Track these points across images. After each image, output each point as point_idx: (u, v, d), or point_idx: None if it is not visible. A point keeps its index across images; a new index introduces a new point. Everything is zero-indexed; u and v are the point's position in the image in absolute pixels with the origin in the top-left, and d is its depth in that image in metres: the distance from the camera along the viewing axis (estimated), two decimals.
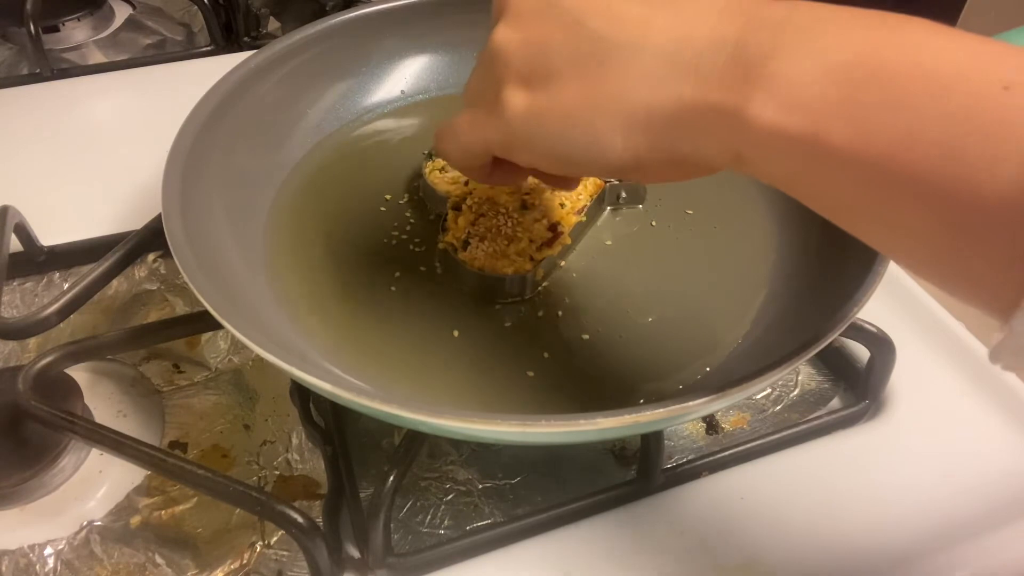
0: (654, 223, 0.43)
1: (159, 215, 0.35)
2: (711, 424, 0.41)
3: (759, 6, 0.24)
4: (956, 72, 0.20)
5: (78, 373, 0.40)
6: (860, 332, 0.38)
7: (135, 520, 0.37)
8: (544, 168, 0.30)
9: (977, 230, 0.20)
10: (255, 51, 0.45)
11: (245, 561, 0.35)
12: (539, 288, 0.40)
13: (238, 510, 0.37)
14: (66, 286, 0.38)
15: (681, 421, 0.40)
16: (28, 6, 0.62)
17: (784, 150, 0.22)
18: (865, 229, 0.23)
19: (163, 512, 0.37)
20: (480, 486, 0.38)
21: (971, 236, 0.20)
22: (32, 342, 0.44)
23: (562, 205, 0.41)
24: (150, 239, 0.41)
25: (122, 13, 0.74)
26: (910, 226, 0.21)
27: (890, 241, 0.23)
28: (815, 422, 0.40)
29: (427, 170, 0.44)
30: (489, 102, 0.29)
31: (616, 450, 0.39)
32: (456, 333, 0.37)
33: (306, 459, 0.39)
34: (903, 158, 0.20)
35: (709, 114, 0.24)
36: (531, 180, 0.43)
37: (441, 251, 0.41)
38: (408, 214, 0.44)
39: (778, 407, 0.42)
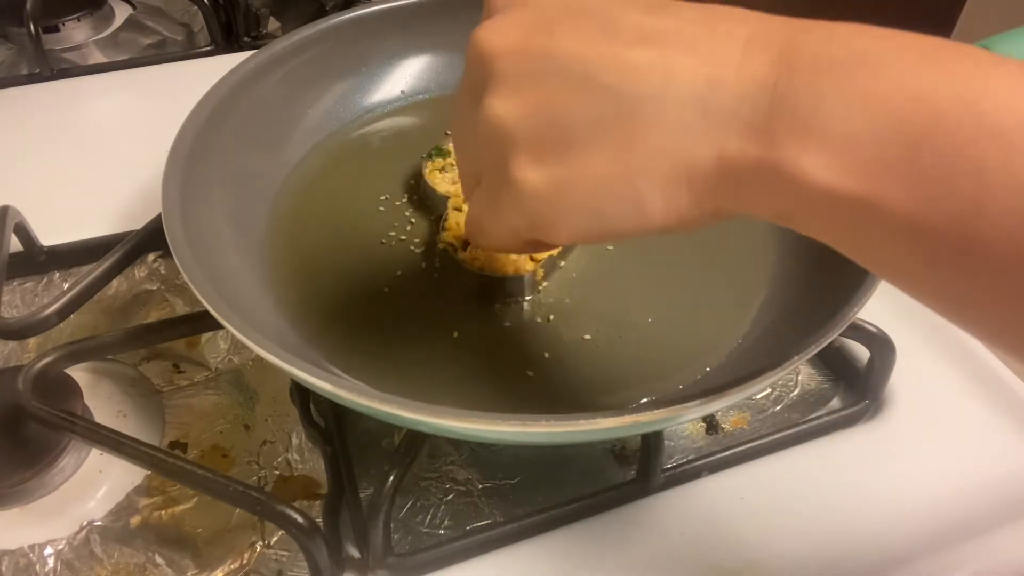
0: None
1: (159, 215, 0.35)
2: (711, 424, 0.41)
3: (790, 35, 0.21)
4: (1020, 128, 0.18)
5: (78, 373, 0.40)
6: (860, 332, 0.38)
7: (135, 520, 0.37)
8: (580, 243, 0.26)
9: None
10: (255, 51, 0.45)
11: (245, 561, 0.35)
12: (539, 288, 0.40)
13: (238, 510, 0.37)
14: (66, 286, 0.38)
15: (681, 421, 0.40)
16: (28, 6, 0.63)
17: (834, 210, 0.21)
18: (914, 288, 0.22)
19: (163, 512, 0.37)
20: (480, 486, 0.38)
21: None
22: (32, 342, 0.44)
23: None
24: (150, 239, 0.41)
25: (122, 13, 0.74)
26: (965, 290, 0.20)
27: (942, 301, 0.21)
28: (815, 422, 0.40)
29: (427, 170, 0.44)
30: (498, 184, 0.26)
31: (616, 450, 0.39)
32: (456, 334, 0.37)
33: (306, 459, 0.39)
34: (967, 226, 0.19)
35: (754, 170, 0.21)
36: None
37: (441, 251, 0.41)
38: (408, 214, 0.44)
39: (778, 407, 0.42)
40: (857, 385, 0.42)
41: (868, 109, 0.20)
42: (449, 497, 0.37)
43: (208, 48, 0.69)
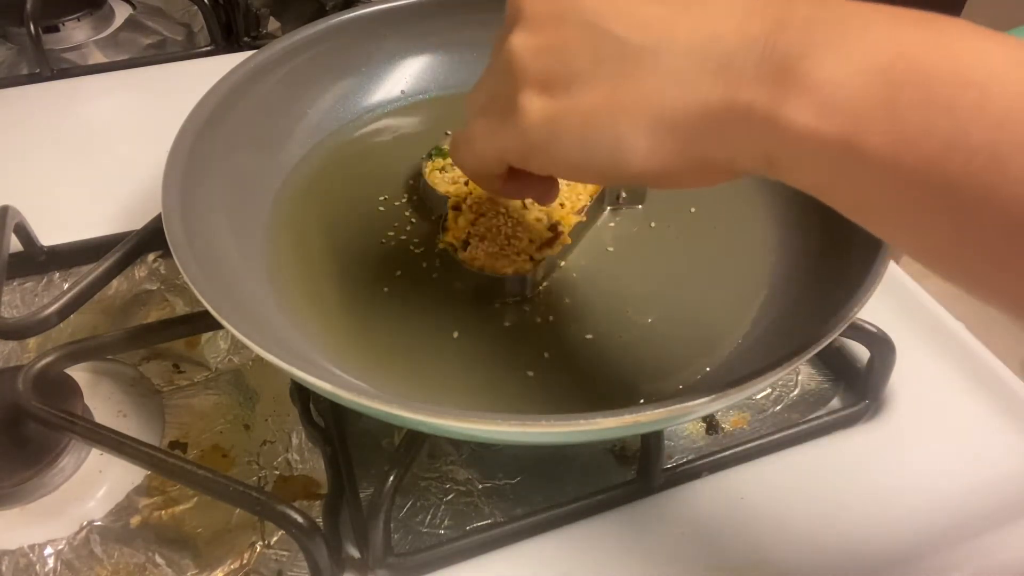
0: (653, 224, 0.43)
1: (159, 215, 0.35)
2: (711, 424, 0.41)
3: (787, 2, 0.23)
4: (995, 77, 0.19)
5: (78, 373, 0.40)
6: (860, 332, 0.38)
7: (135, 520, 0.37)
8: (562, 176, 0.29)
9: (1015, 240, 0.20)
10: (255, 51, 0.45)
11: (245, 561, 0.35)
12: (539, 288, 0.40)
13: (238, 510, 0.37)
14: (66, 286, 0.38)
15: (681, 421, 0.40)
16: (28, 6, 0.63)
17: (817, 154, 0.22)
18: (894, 234, 0.23)
19: (163, 512, 0.37)
20: (480, 486, 0.38)
21: (1006, 246, 0.20)
22: (32, 342, 0.44)
23: (562, 205, 0.41)
24: (150, 239, 0.41)
25: (122, 13, 0.74)
26: (943, 233, 0.21)
27: (921, 247, 0.22)
28: (815, 422, 0.40)
29: (427, 170, 0.44)
30: (504, 109, 0.28)
31: (616, 450, 0.39)
32: (456, 334, 0.37)
33: (306, 459, 0.39)
34: (942, 165, 0.20)
35: (740, 116, 0.23)
36: None
37: (441, 251, 0.41)
38: (408, 214, 0.44)
39: (778, 407, 0.42)
40: (857, 385, 0.42)
41: (851, 57, 0.21)
42: (449, 497, 0.37)
43: (208, 48, 0.69)
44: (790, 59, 0.22)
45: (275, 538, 0.36)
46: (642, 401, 0.35)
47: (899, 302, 0.46)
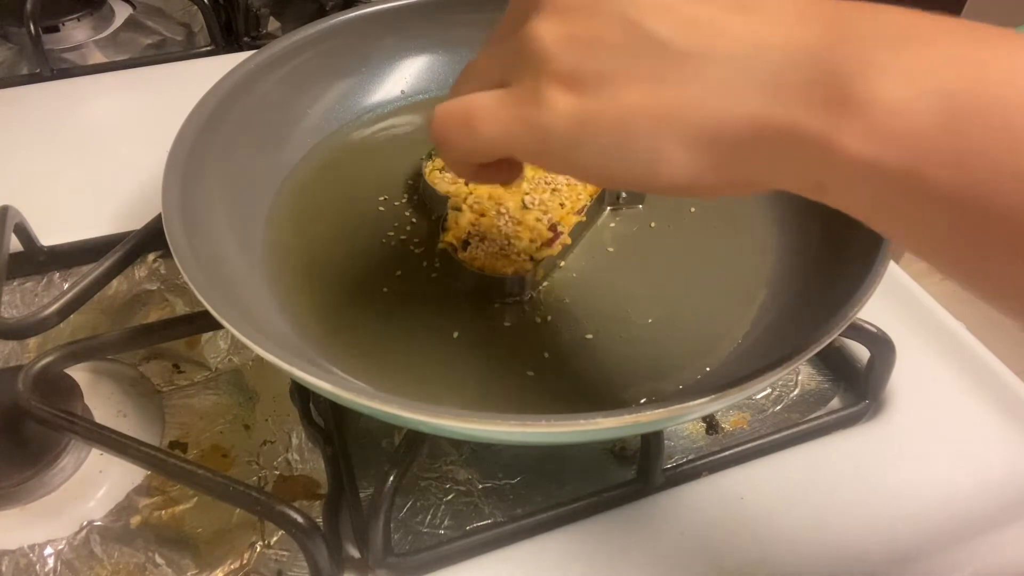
0: (653, 224, 0.43)
1: (159, 215, 0.35)
2: (711, 424, 0.41)
3: (838, 11, 0.22)
4: None
5: (78, 373, 0.40)
6: (860, 332, 0.38)
7: (135, 520, 0.37)
8: (577, 178, 0.27)
9: None
10: (255, 51, 0.45)
11: (245, 561, 0.35)
12: (539, 288, 0.40)
13: (238, 510, 0.37)
14: (66, 286, 0.38)
15: (681, 421, 0.40)
16: (28, 6, 0.63)
17: (873, 183, 0.20)
18: (948, 262, 0.21)
19: (163, 512, 0.37)
20: (480, 486, 0.38)
21: None
22: (32, 342, 0.44)
23: (562, 205, 0.41)
24: (150, 239, 0.41)
25: (122, 13, 0.74)
26: (1002, 261, 0.20)
27: (976, 276, 0.21)
28: (815, 422, 0.40)
29: (427, 170, 0.44)
30: (522, 98, 0.25)
31: (616, 450, 0.39)
32: (456, 334, 0.37)
33: (306, 459, 0.39)
34: (1010, 201, 0.19)
35: (790, 138, 0.21)
36: (528, 174, 0.43)
37: (441, 251, 0.41)
38: (408, 214, 0.44)
39: (778, 407, 0.42)
40: (857, 385, 0.42)
41: (913, 80, 0.19)
42: (449, 497, 0.37)
43: (208, 48, 0.69)
44: (846, 78, 0.20)
45: (275, 538, 0.36)
46: (642, 401, 0.35)
47: (899, 302, 0.46)
